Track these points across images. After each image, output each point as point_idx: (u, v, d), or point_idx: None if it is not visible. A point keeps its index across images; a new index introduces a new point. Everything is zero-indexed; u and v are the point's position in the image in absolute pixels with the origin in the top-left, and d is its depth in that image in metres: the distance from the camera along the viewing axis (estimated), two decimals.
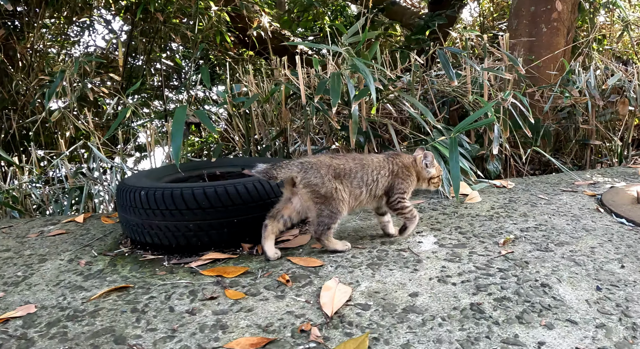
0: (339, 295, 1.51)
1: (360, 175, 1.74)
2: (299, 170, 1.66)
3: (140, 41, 4.21)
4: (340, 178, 1.71)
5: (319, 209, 1.68)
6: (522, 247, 1.88)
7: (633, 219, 2.19)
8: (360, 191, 1.73)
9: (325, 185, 1.65)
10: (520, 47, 4.46)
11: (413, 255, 1.83)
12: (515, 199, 2.54)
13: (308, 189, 1.66)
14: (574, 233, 2.03)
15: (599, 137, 3.55)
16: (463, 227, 2.12)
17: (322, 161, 1.72)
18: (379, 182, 1.77)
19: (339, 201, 1.68)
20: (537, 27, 4.41)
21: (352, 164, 1.75)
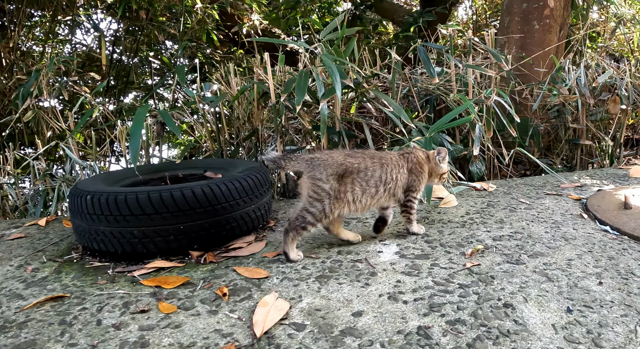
0: (273, 313, 1.33)
1: (379, 174, 1.66)
2: (307, 165, 1.61)
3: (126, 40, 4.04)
4: (350, 176, 1.62)
5: (309, 202, 1.60)
6: (491, 259, 1.65)
7: (618, 227, 1.94)
8: (376, 190, 1.65)
9: (329, 182, 1.59)
10: (512, 45, 4.19)
11: (369, 267, 1.62)
12: (494, 203, 2.31)
13: (311, 180, 1.60)
14: (552, 243, 1.79)
15: (590, 137, 3.28)
16: (431, 235, 1.89)
17: (334, 158, 1.63)
18: (398, 181, 1.71)
19: (334, 201, 1.59)
20: (529, 24, 4.14)
21: (369, 163, 1.66)
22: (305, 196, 1.62)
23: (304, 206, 1.61)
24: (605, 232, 1.93)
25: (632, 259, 1.66)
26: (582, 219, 2.08)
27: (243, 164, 2.19)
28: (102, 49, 3.37)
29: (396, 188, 1.72)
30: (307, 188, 1.61)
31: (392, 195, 1.73)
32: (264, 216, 2.03)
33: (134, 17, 3.77)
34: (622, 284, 1.47)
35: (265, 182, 2.04)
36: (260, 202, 1.98)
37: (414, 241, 1.84)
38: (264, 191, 2.00)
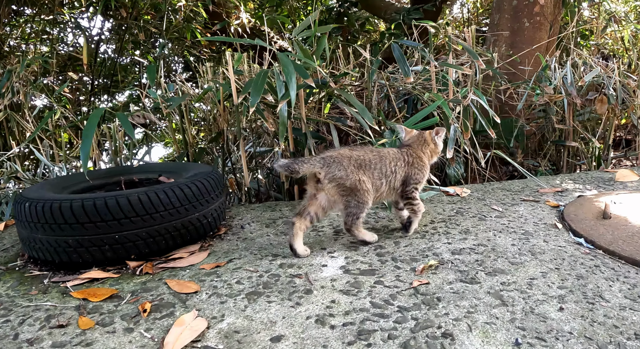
0: (186, 333, 1.18)
1: (380, 167, 1.64)
2: (322, 165, 1.56)
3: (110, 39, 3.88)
4: (362, 169, 1.61)
5: (346, 201, 1.58)
6: (443, 277, 1.42)
7: (593, 239, 1.69)
8: (380, 183, 1.64)
9: (349, 177, 1.56)
10: (501, 43, 3.90)
11: (306, 283, 1.42)
12: (464, 211, 2.06)
13: (334, 183, 1.56)
14: (516, 257, 1.55)
15: (577, 138, 2.99)
16: (385, 247, 1.67)
17: (343, 154, 1.62)
18: (397, 174, 1.68)
19: (364, 192, 1.58)
20: (519, 21, 3.84)
21: (370, 156, 1.65)
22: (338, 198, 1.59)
23: (344, 205, 1.59)
24: (579, 245, 1.68)
25: (603, 279, 1.41)
26: (555, 229, 1.83)
27: (195, 168, 1.99)
28: (84, 48, 3.22)
29: (395, 181, 1.69)
30: (335, 191, 1.57)
31: (392, 189, 1.70)
32: (213, 224, 1.84)
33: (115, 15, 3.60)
34: (586, 310, 1.23)
35: (215, 188, 1.85)
36: (207, 210, 1.79)
37: (365, 254, 1.62)
38: (211, 197, 1.81)
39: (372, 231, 1.84)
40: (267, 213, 2.09)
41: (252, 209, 2.18)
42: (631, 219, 1.84)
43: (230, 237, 1.84)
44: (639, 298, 1.30)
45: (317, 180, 1.59)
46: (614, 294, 1.32)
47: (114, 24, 3.84)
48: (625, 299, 1.30)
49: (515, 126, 3.03)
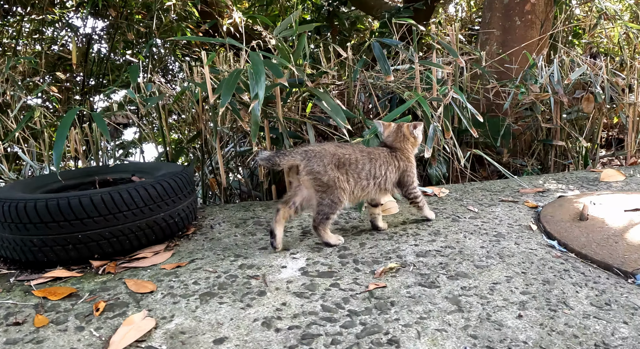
0: (132, 333, 1.15)
1: (369, 168, 1.60)
2: (302, 158, 1.53)
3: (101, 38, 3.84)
4: (344, 167, 1.56)
5: (319, 198, 1.54)
6: (402, 280, 1.35)
7: (566, 242, 1.60)
8: (367, 183, 1.60)
9: (327, 173, 1.52)
10: (493, 41, 3.79)
11: (262, 285, 1.36)
12: (438, 211, 1.99)
13: (310, 176, 1.53)
14: (483, 261, 1.48)
15: (564, 137, 2.88)
16: (349, 249, 1.60)
17: (327, 149, 1.58)
18: (388, 177, 1.65)
19: (340, 190, 1.53)
20: (511, 20, 3.73)
21: (358, 155, 1.61)
22: (312, 192, 1.55)
23: (317, 201, 1.55)
24: (551, 248, 1.60)
25: (571, 285, 1.32)
26: (529, 231, 1.74)
27: (167, 168, 1.94)
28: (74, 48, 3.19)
29: (386, 184, 1.66)
30: (311, 184, 1.54)
31: (384, 189, 1.66)
32: (180, 224, 1.79)
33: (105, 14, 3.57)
34: (547, 318, 1.15)
35: (183, 187, 1.79)
36: (173, 210, 1.74)
37: (327, 255, 1.55)
38: (178, 197, 1.76)
39: (341, 231, 1.78)
40: (240, 213, 2.04)
41: (225, 209, 2.13)
42: (608, 221, 1.75)
43: (197, 238, 1.79)
44: (605, 305, 1.22)
45: (298, 171, 1.57)
46: (579, 300, 1.24)
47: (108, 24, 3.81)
48: (590, 306, 1.21)
49: (503, 125, 2.93)
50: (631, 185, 2.35)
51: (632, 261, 1.44)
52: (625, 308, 1.21)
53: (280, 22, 2.36)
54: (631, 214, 1.81)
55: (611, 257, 1.47)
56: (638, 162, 2.80)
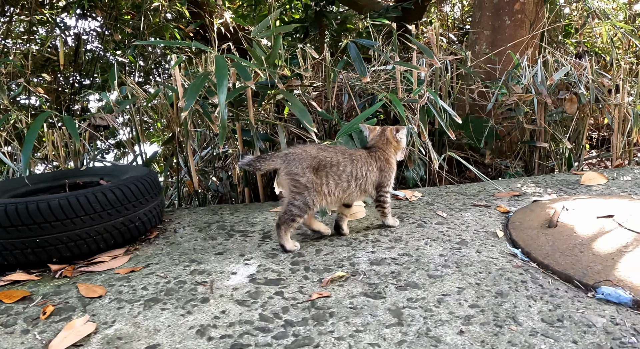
0: (71, 337, 1.13)
1: (350, 169, 1.58)
2: (282, 161, 1.52)
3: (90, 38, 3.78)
4: (324, 170, 1.53)
5: (292, 198, 1.52)
6: (348, 290, 1.27)
7: (530, 250, 1.50)
8: (348, 184, 1.57)
9: (305, 175, 1.50)
10: (482, 41, 3.65)
11: (207, 291, 1.31)
12: (406, 216, 1.90)
13: (288, 177, 1.51)
14: (438, 270, 1.39)
15: (549, 138, 2.75)
16: (304, 255, 1.53)
17: (308, 152, 1.55)
18: (368, 178, 1.62)
19: (315, 194, 1.51)
20: (500, 19, 3.58)
21: (340, 158, 1.58)
22: (287, 192, 1.53)
23: (288, 200, 1.52)
24: (514, 257, 1.50)
25: (525, 298, 1.23)
26: (494, 238, 1.64)
27: (133, 171, 1.90)
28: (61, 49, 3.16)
29: (366, 185, 1.63)
30: (287, 184, 1.52)
31: (363, 191, 1.63)
32: (142, 228, 1.74)
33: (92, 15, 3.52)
34: (490, 335, 1.06)
35: (145, 191, 1.74)
36: (134, 214, 1.69)
37: (280, 261, 1.48)
38: (139, 201, 1.71)
39: (302, 236, 1.71)
40: (207, 217, 1.98)
41: (194, 212, 2.07)
42: (578, 229, 1.64)
43: (159, 242, 1.74)
44: (557, 321, 1.13)
45: None
46: (530, 316, 1.15)
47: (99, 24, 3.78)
48: (541, 322, 1.12)
49: (486, 126, 2.82)
50: (612, 189, 2.22)
51: (594, 273, 1.34)
52: (578, 325, 1.11)
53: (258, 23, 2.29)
54: (603, 221, 1.69)
55: (573, 269, 1.37)
56: (624, 164, 2.65)
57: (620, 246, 1.49)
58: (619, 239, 1.54)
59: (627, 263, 1.38)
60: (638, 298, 1.21)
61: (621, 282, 1.29)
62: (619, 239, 1.54)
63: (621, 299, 1.22)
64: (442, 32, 4.41)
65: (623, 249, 1.47)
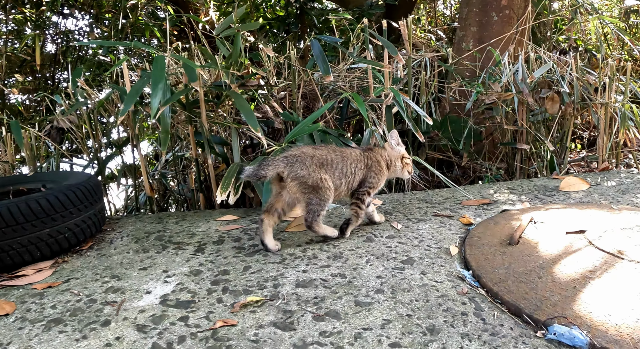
0: None
1: (341, 167, 1.51)
2: (285, 165, 1.43)
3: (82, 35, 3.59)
4: (324, 167, 1.48)
5: (308, 198, 1.45)
6: (259, 318, 1.06)
7: (481, 274, 1.24)
8: (340, 182, 1.51)
9: (311, 176, 1.44)
10: (469, 38, 3.32)
11: (113, 313, 1.12)
12: (358, 228, 1.65)
13: (296, 181, 1.43)
14: (369, 296, 1.16)
15: (530, 140, 2.44)
16: (230, 273, 1.32)
17: (306, 152, 1.49)
18: (356, 175, 1.54)
19: (325, 189, 1.45)
20: (488, 15, 3.24)
21: (333, 156, 1.52)
22: (299, 196, 1.45)
23: (305, 203, 1.45)
24: (462, 280, 1.24)
25: (459, 336, 0.99)
26: (447, 256, 1.39)
27: (73, 177, 1.72)
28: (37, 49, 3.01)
29: (354, 182, 1.54)
30: (297, 190, 1.43)
31: (349, 189, 1.55)
32: (72, 239, 1.55)
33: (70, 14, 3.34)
34: None
35: (79, 200, 1.56)
36: (62, 225, 1.51)
37: (200, 280, 1.28)
38: (69, 212, 1.52)
39: (234, 249, 1.49)
40: (151, 225, 1.79)
41: (140, 220, 1.88)
42: (542, 247, 1.36)
43: (90, 254, 1.55)
44: None
45: (280, 179, 1.46)
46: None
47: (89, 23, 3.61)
48: None
49: (465, 127, 2.52)
50: (593, 196, 1.91)
51: (549, 306, 1.07)
52: None
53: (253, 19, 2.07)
54: (572, 238, 1.41)
55: (526, 299, 1.11)
56: (610, 167, 2.32)
57: (586, 271, 1.22)
58: (586, 261, 1.27)
59: (590, 293, 1.11)
60: (596, 341, 0.95)
61: (579, 319, 1.02)
62: (586, 261, 1.27)
63: (576, 342, 0.96)
64: (431, 29, 4.08)
65: (589, 274, 1.20)
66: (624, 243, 1.36)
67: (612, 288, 1.13)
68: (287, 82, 2.37)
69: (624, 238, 1.40)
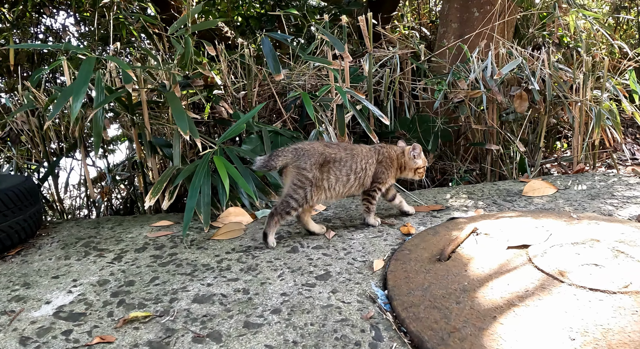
0: None
1: (350, 164, 1.48)
2: (293, 156, 1.42)
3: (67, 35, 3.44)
4: (327, 165, 1.44)
5: (292, 189, 1.40)
6: (139, 336, 0.94)
7: (394, 295, 1.05)
8: (348, 178, 1.47)
9: (312, 171, 1.41)
10: (450, 34, 3.05)
11: (6, 323, 1.04)
12: (289, 236, 1.48)
13: (296, 170, 1.41)
14: (263, 316, 1.00)
15: (501, 140, 2.17)
16: (134, 283, 1.19)
17: (316, 148, 1.45)
18: (368, 171, 1.51)
19: (315, 188, 1.41)
20: (469, 11, 2.96)
21: (343, 154, 1.48)
22: (289, 184, 1.42)
23: (287, 192, 1.41)
24: (373, 302, 1.05)
25: None
26: (368, 272, 1.20)
27: (9, 180, 1.61)
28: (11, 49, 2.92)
29: (365, 178, 1.51)
30: (292, 176, 1.41)
31: (362, 185, 1.51)
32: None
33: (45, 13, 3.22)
34: None
35: (7, 205, 1.45)
36: None
37: (102, 291, 1.15)
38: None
39: (149, 258, 1.35)
40: (86, 231, 1.65)
41: (77, 224, 1.75)
42: (473, 265, 1.15)
43: (15, 260, 1.45)
44: None
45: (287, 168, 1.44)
46: None
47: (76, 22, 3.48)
48: None
49: (434, 126, 2.29)
50: (557, 202, 1.66)
51: (457, 340, 0.87)
52: None
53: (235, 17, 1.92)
54: (512, 254, 1.19)
55: (432, 329, 0.91)
56: (585, 169, 2.03)
57: (514, 296, 1.00)
58: (518, 284, 1.05)
59: (510, 326, 0.90)
60: None
61: None
62: (518, 284, 1.05)
63: None
64: (415, 26, 3.79)
65: (516, 301, 0.98)
66: (570, 262, 1.13)
67: (539, 319, 0.91)
68: (245, 81, 2.20)
69: (572, 255, 1.17)
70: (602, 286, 1.02)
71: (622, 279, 1.05)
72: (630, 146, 2.52)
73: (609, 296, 0.98)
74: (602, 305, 0.95)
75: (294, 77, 2.21)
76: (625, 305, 0.95)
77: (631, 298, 0.98)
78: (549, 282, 1.05)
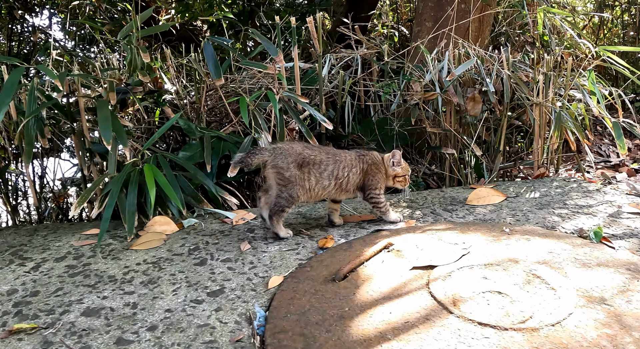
0: None
1: (332, 169, 1.47)
2: (270, 154, 1.45)
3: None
4: (307, 167, 1.45)
5: (279, 191, 1.44)
6: (19, 347, 0.90)
7: (270, 317, 0.98)
8: (328, 183, 1.47)
9: (290, 170, 1.42)
10: (424, 34, 2.87)
11: None
12: (200, 248, 1.43)
13: (274, 170, 1.44)
14: (137, 333, 0.98)
15: (459, 144, 2.02)
16: (39, 294, 1.20)
17: (294, 148, 1.46)
18: (350, 179, 1.50)
19: (299, 187, 1.43)
20: (443, 10, 2.76)
21: (323, 157, 1.48)
22: (274, 185, 1.45)
23: (276, 193, 1.44)
24: (249, 324, 0.98)
25: None
26: (262, 289, 1.13)
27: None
28: None
29: (348, 185, 1.50)
30: (274, 177, 1.44)
31: (345, 191, 1.51)
32: None
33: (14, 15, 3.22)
34: None
35: None
36: None
37: (5, 301, 1.17)
38: None
39: (62, 269, 1.34)
40: (21, 238, 1.63)
41: (15, 231, 1.73)
42: (365, 287, 1.06)
43: None
44: None
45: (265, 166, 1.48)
46: None
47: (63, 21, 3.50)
48: None
49: (391, 129, 2.16)
50: (501, 212, 1.51)
51: None
52: None
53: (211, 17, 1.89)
54: (413, 276, 1.09)
55: None
56: (547, 173, 1.85)
57: (391, 327, 0.91)
58: (402, 312, 0.95)
59: None
60: None
61: None
62: (402, 312, 0.95)
63: None
64: (394, 25, 3.60)
65: (391, 332, 0.89)
66: (471, 288, 1.02)
67: None
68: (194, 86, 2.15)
69: (477, 280, 1.05)
70: (495, 320, 0.91)
71: (522, 313, 0.93)
72: (607, 148, 2.29)
73: (498, 334, 0.87)
74: (485, 344, 0.84)
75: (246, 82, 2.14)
76: (513, 345, 0.83)
77: (524, 336, 0.86)
78: (436, 312, 0.94)
